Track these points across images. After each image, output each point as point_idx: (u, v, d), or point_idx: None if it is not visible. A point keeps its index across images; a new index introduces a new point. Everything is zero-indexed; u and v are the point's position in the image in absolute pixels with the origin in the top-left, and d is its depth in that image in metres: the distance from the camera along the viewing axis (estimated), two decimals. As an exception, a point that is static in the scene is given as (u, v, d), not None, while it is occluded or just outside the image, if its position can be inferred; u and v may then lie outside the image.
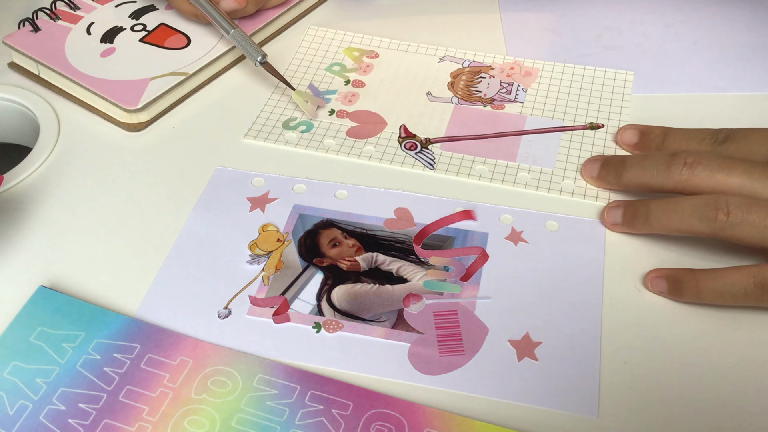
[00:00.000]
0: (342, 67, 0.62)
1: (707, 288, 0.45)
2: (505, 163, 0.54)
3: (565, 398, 0.42)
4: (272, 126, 0.57)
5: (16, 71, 0.61)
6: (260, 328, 0.46)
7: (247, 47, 0.58)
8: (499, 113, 0.58)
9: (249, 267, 0.49)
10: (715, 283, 0.45)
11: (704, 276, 0.46)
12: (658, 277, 0.47)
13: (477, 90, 0.60)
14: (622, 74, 0.61)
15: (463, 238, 0.50)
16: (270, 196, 0.53)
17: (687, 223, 0.46)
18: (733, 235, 0.45)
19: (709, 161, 0.48)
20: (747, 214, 0.45)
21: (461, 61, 0.62)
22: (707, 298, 0.46)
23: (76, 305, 0.46)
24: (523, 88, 0.60)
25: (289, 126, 0.57)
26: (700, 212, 0.46)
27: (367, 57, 0.62)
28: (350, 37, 0.64)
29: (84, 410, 0.42)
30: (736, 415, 0.42)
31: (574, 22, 0.66)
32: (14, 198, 0.52)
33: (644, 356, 0.44)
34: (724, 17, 0.66)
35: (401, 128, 0.57)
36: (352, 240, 0.50)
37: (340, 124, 0.57)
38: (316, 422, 0.41)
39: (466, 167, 0.54)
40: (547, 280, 0.48)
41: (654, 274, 0.47)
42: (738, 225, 0.45)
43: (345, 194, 0.53)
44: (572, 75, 0.61)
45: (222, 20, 0.59)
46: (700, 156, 0.48)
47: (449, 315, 0.46)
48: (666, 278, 0.47)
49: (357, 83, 0.60)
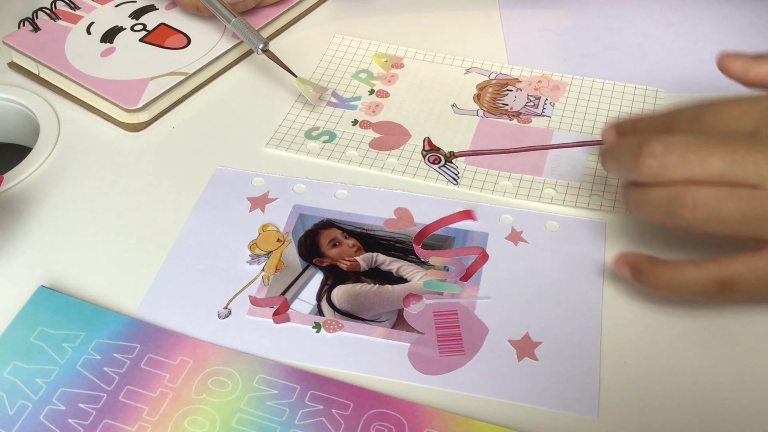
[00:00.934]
0: (369, 75, 0.61)
1: (665, 282, 0.44)
2: (530, 177, 0.53)
3: (565, 398, 0.42)
4: (294, 135, 0.56)
5: (16, 71, 0.61)
6: (260, 328, 0.46)
7: (249, 35, 0.58)
8: (525, 127, 0.57)
9: (249, 267, 0.49)
10: (673, 278, 0.44)
11: (663, 269, 0.44)
12: (623, 263, 0.46)
13: (503, 103, 0.59)
14: (653, 90, 0.59)
15: (463, 238, 0.50)
16: (270, 196, 0.53)
17: (656, 217, 0.43)
18: (704, 231, 0.42)
19: (681, 147, 0.42)
20: (716, 211, 0.41)
21: (488, 73, 0.61)
22: (664, 291, 0.44)
23: (76, 305, 0.46)
24: (550, 102, 0.59)
25: (312, 136, 0.56)
26: (666, 208, 0.42)
27: (394, 66, 0.62)
28: (376, 46, 0.63)
29: (84, 410, 0.42)
30: (736, 415, 0.42)
31: (574, 22, 0.66)
32: (14, 198, 0.52)
33: (644, 356, 0.44)
34: (724, 17, 0.66)
35: (425, 141, 0.56)
36: (352, 240, 0.50)
37: (363, 135, 0.56)
38: (316, 422, 0.41)
39: (490, 182, 0.53)
40: (547, 280, 0.48)
41: (620, 259, 0.46)
42: (706, 223, 0.42)
43: (345, 194, 0.53)
44: (602, 90, 0.60)
45: (223, 9, 0.59)
46: (670, 143, 0.42)
47: (449, 315, 0.46)
48: (629, 265, 0.45)
49: (381, 93, 0.59)
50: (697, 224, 0.42)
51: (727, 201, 0.41)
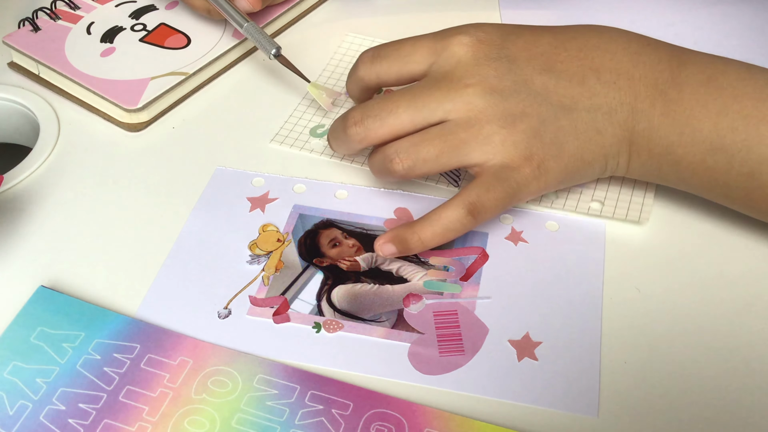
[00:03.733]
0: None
1: (428, 235, 0.47)
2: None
3: (565, 398, 0.42)
4: (299, 132, 0.56)
5: (16, 71, 0.61)
6: (260, 328, 0.46)
7: (261, 40, 0.58)
8: None
9: (249, 267, 0.49)
10: (433, 228, 0.47)
11: (421, 225, 0.47)
12: (385, 243, 0.47)
13: None
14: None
15: (463, 238, 0.50)
16: (270, 196, 0.53)
17: (382, 176, 0.49)
18: (418, 175, 0.48)
19: (374, 109, 0.48)
20: (417, 154, 0.46)
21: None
22: (433, 242, 0.47)
23: (76, 305, 0.46)
24: None
25: (317, 133, 0.56)
26: (381, 167, 0.48)
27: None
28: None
29: (84, 410, 0.42)
30: (737, 415, 0.42)
31: (574, 23, 0.66)
32: (14, 198, 0.52)
33: (644, 356, 0.44)
34: (724, 17, 0.66)
35: None
36: (352, 240, 0.50)
37: None
38: (316, 422, 0.41)
39: None
40: (547, 280, 0.48)
41: (381, 241, 0.47)
42: (415, 167, 0.47)
43: (345, 194, 0.53)
44: None
45: (235, 14, 0.59)
46: (366, 108, 0.48)
47: (449, 315, 0.46)
48: (392, 241, 0.47)
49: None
50: (409, 172, 0.47)
51: (421, 144, 0.46)
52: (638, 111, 0.46)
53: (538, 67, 0.47)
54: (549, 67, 0.47)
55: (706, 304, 0.46)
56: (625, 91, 0.47)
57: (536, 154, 0.46)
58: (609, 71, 0.47)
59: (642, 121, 0.46)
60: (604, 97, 0.47)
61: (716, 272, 0.48)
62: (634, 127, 0.47)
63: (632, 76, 0.47)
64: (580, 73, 0.47)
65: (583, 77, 0.47)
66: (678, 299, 0.47)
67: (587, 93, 0.47)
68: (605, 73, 0.47)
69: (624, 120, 0.47)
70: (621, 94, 0.47)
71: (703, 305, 0.46)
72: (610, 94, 0.47)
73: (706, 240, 0.50)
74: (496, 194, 0.46)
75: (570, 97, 0.47)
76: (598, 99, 0.47)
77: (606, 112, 0.47)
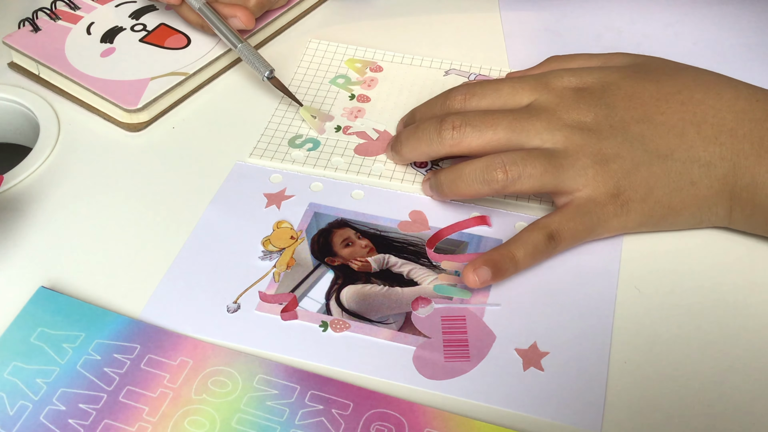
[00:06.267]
0: (346, 80, 0.60)
1: (520, 256, 0.47)
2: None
3: (569, 411, 0.42)
4: (278, 144, 0.56)
5: (16, 71, 0.61)
6: (268, 324, 0.46)
7: (255, 62, 0.58)
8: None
9: (261, 263, 0.49)
10: (525, 249, 0.47)
11: (510, 248, 0.47)
12: (479, 268, 0.46)
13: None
14: None
15: (476, 243, 0.50)
16: (287, 193, 0.52)
17: (473, 188, 0.48)
18: (516, 189, 0.48)
19: (475, 120, 0.49)
20: (523, 168, 0.47)
21: (467, 75, 0.61)
22: (524, 264, 0.47)
23: (76, 306, 0.46)
24: None
25: (296, 144, 0.56)
26: (481, 176, 0.48)
27: (371, 69, 0.61)
28: (353, 50, 0.62)
29: (84, 410, 0.42)
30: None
31: (574, 22, 0.66)
32: (14, 198, 0.52)
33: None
34: (724, 17, 0.66)
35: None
36: (365, 240, 0.50)
37: (347, 141, 0.56)
38: (316, 422, 0.41)
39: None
40: (558, 290, 0.47)
41: (473, 267, 0.46)
42: (518, 180, 0.47)
43: (361, 194, 0.53)
44: None
45: (229, 34, 0.58)
46: (466, 117, 0.49)
47: (457, 320, 0.46)
48: (486, 264, 0.46)
49: (362, 98, 0.59)
50: (510, 185, 0.47)
51: (528, 159, 0.47)
52: (741, 167, 0.47)
53: (637, 116, 0.48)
54: (648, 118, 0.48)
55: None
56: (727, 147, 0.47)
57: (623, 194, 0.47)
58: (711, 126, 0.47)
59: (745, 177, 0.46)
60: (703, 151, 0.47)
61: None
62: (736, 182, 0.47)
63: (736, 133, 0.47)
64: (680, 126, 0.48)
65: (683, 130, 0.48)
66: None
67: (685, 145, 0.47)
68: (707, 128, 0.47)
69: (723, 175, 0.47)
70: (722, 150, 0.47)
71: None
72: (710, 149, 0.47)
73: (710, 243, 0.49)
74: (576, 225, 0.47)
75: (666, 146, 0.47)
76: (695, 151, 0.47)
77: (703, 165, 0.47)
